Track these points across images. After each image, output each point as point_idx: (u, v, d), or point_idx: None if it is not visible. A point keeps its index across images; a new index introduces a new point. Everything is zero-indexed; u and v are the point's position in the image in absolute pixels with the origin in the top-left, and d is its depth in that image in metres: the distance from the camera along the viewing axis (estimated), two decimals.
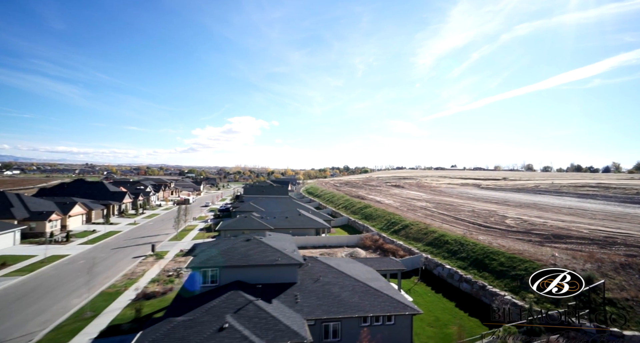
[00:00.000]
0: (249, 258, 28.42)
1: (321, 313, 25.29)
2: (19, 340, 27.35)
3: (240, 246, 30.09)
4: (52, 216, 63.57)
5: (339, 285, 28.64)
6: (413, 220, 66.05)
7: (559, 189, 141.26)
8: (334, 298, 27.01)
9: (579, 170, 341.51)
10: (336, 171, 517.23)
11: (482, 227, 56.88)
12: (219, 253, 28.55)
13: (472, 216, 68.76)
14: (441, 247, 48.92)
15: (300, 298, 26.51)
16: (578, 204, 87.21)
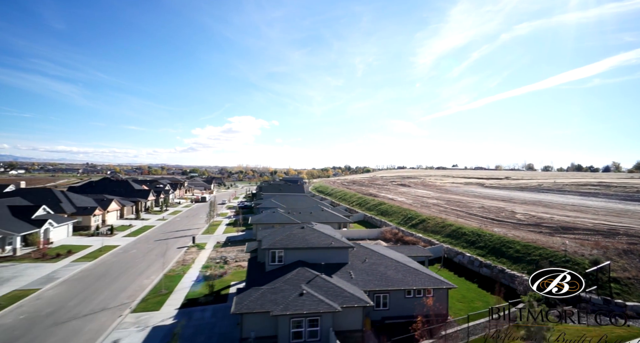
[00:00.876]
0: (308, 242, 33.51)
1: (373, 286, 30.34)
2: (117, 308, 32.47)
3: (297, 233, 35.17)
4: (96, 211, 68.67)
5: (383, 265, 33.72)
6: (429, 215, 71.11)
7: (561, 188, 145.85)
8: (381, 275, 32.07)
9: (579, 170, 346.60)
10: (338, 170, 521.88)
11: (494, 221, 61.91)
12: (283, 238, 33.61)
13: (483, 212, 73.77)
14: (459, 238, 53.98)
15: (354, 275, 31.58)
16: (581, 202, 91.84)
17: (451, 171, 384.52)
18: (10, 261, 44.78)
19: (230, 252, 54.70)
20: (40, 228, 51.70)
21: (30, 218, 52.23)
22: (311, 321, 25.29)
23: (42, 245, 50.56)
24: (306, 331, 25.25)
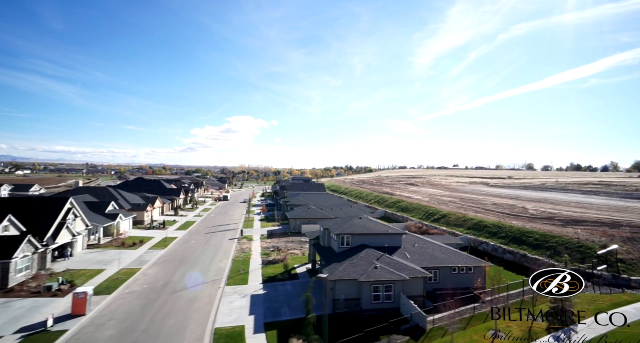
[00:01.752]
0: (369, 229, 40.64)
1: (426, 264, 37.41)
2: (212, 282, 39.62)
3: (358, 222, 42.28)
4: (147, 207, 75.66)
5: (430, 248, 40.85)
6: (448, 211, 78.32)
7: (564, 187, 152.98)
8: (430, 255, 39.18)
9: (578, 169, 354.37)
10: (341, 170, 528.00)
11: (510, 215, 69.14)
12: (348, 225, 40.71)
13: (497, 208, 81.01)
14: (481, 230, 61.16)
15: (409, 255, 38.68)
16: (584, 200, 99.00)
17: (453, 170, 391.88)
18: (99, 248, 51.81)
19: (278, 242, 61.72)
20: (114, 221, 58.67)
21: (104, 212, 59.15)
22: (386, 287, 32.42)
23: (116, 235, 57.51)
24: (383, 294, 32.39)
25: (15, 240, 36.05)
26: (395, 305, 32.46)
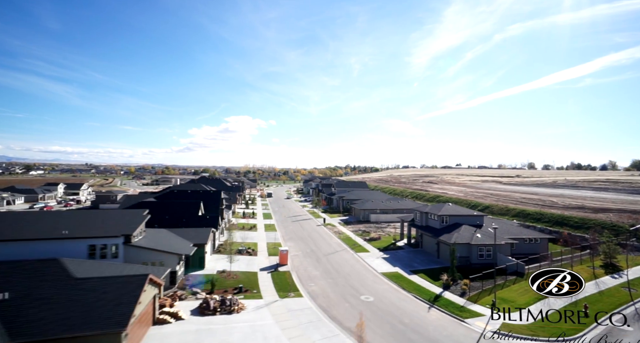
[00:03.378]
0: (460, 211, 54.80)
1: (507, 236, 51.48)
2: (343, 251, 53.58)
3: (449, 207, 56.36)
4: (237, 200, 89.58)
5: (506, 226, 54.97)
6: (489, 203, 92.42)
7: (575, 184, 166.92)
8: (507, 231, 53.23)
9: (579, 168, 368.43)
10: (347, 169, 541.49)
11: (545, 206, 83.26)
12: (444, 209, 54.78)
13: (529, 201, 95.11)
14: (525, 217, 75.25)
15: (492, 231, 52.69)
16: (597, 195, 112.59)
17: (457, 170, 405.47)
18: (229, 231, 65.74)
19: (358, 227, 75.48)
20: (230, 209, 72.73)
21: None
22: (487, 249, 46.55)
23: (229, 220, 71.52)
24: (485, 254, 46.49)
25: (215, 219, 50.11)
26: (492, 261, 46.46)
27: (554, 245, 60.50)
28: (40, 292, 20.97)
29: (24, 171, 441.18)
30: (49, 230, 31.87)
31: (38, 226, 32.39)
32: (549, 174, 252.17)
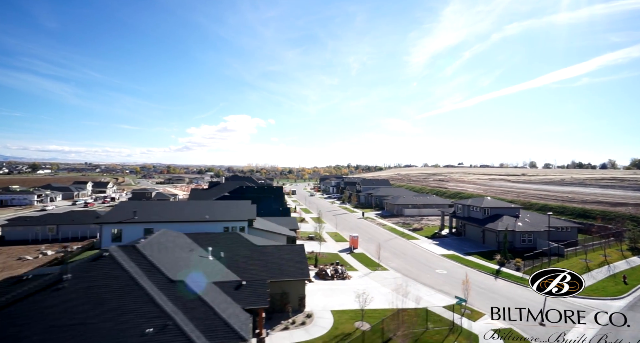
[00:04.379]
0: (499, 204, 62.47)
1: (541, 225, 59.11)
2: (396, 239, 61.20)
3: (488, 200, 63.95)
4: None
5: (539, 217, 62.61)
6: (511, 198, 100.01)
7: (582, 182, 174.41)
8: (541, 220, 60.87)
9: (580, 167, 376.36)
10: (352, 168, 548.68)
11: (564, 201, 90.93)
12: (485, 202, 62.40)
13: (547, 196, 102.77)
14: (548, 211, 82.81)
15: (528, 221, 60.31)
16: (607, 192, 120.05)
17: (460, 168, 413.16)
18: None
19: (397, 220, 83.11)
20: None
21: None
22: (528, 234, 54.17)
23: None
24: (527, 239, 54.13)
25: (288, 210, 57.53)
26: (533, 245, 54.15)
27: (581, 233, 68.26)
28: (243, 253, 28.53)
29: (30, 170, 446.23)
30: (192, 214, 39.43)
31: (185, 211, 39.98)
32: (553, 173, 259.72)
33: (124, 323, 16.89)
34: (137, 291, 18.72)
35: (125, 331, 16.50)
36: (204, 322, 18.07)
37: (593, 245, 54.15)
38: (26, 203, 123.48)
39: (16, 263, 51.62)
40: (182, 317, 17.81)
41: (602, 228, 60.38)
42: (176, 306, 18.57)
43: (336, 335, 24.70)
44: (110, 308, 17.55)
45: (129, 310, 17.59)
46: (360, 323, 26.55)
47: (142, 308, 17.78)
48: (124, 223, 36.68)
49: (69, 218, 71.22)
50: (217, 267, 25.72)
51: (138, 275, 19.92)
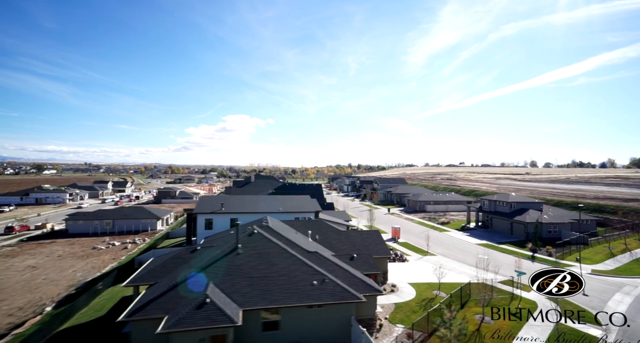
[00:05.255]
0: (524, 199, 68.13)
1: (563, 217, 64.70)
2: (428, 230, 66.85)
3: (514, 196, 69.60)
4: None
5: (559, 211, 68.26)
6: (525, 195, 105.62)
7: (587, 180, 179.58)
8: (562, 213, 66.50)
9: (581, 166, 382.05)
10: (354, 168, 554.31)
11: (577, 197, 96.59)
12: (511, 197, 68.06)
13: (560, 193, 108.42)
14: (564, 206, 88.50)
15: (552, 214, 65.93)
16: (614, 190, 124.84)
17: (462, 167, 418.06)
18: None
19: (422, 216, 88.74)
20: None
21: None
22: (554, 226, 59.77)
23: None
24: (552, 230, 59.71)
25: (331, 205, 63.05)
26: (558, 235, 59.79)
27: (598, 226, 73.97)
28: (332, 236, 34.14)
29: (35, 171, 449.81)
30: (267, 207, 45.03)
31: (259, 204, 45.62)
32: (557, 172, 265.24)
33: (295, 278, 22.54)
34: (291, 257, 24.36)
35: (298, 282, 22.14)
36: (345, 279, 23.70)
37: (612, 235, 59.82)
38: (59, 201, 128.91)
39: (93, 251, 57.29)
40: (330, 275, 23.44)
41: (620, 221, 66.01)
42: (321, 268, 24.18)
43: (422, 299, 30.35)
44: (279, 268, 23.21)
45: (292, 269, 23.24)
46: (437, 292, 32.20)
47: (301, 268, 23.42)
48: (215, 213, 42.25)
49: (122, 214, 76.80)
50: (321, 245, 31.31)
51: (285, 246, 25.56)
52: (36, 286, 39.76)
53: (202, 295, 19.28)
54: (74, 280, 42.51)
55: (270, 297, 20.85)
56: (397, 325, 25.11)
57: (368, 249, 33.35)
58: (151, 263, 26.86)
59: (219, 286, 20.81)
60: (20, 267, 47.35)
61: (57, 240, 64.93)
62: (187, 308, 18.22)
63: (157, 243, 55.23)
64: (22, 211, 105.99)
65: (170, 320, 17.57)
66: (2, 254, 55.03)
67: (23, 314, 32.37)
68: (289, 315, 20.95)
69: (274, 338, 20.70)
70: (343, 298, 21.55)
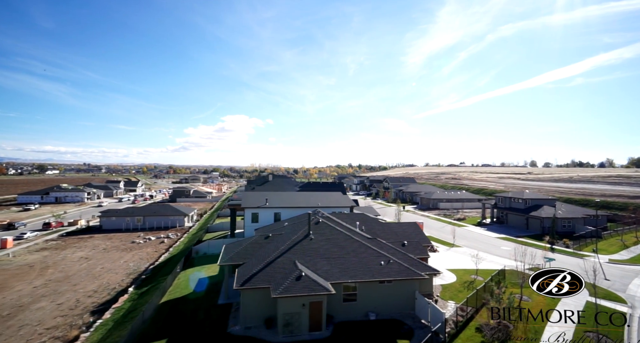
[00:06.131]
0: (538, 196, 71.63)
1: (576, 212, 68.18)
2: (451, 226, 70.33)
3: (527, 193, 73.09)
4: None
5: (571, 206, 71.74)
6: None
7: (590, 179, 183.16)
8: (575, 209, 69.96)
9: (580, 165, 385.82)
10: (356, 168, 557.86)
11: (584, 195, 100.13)
12: (526, 195, 71.52)
13: (567, 191, 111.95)
14: (574, 203, 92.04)
15: (564, 209, 69.43)
16: (616, 188, 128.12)
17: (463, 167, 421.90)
18: None
19: (436, 213, 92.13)
20: None
21: None
22: (568, 221, 63.23)
23: None
24: (567, 224, 63.17)
25: (356, 201, 66.47)
26: (572, 230, 63.25)
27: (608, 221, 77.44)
28: (376, 227, 37.52)
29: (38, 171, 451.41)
30: (306, 202, 48.42)
31: (297, 200, 49.05)
32: (559, 172, 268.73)
33: (364, 258, 25.93)
34: (356, 242, 27.75)
35: (368, 264, 25.52)
36: (405, 261, 27.08)
37: (624, 229, 63.31)
38: (77, 200, 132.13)
39: (134, 245, 60.68)
40: (393, 257, 26.82)
41: (630, 216, 69.57)
42: (382, 251, 27.55)
43: (464, 282, 33.78)
44: (348, 250, 26.60)
45: (360, 252, 26.63)
46: (474, 276, 35.62)
47: (367, 251, 26.81)
48: (260, 207, 45.62)
49: (152, 211, 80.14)
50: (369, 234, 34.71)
51: (348, 233, 28.95)
52: (98, 274, 43.16)
53: (296, 270, 22.66)
54: (129, 269, 45.92)
55: (348, 274, 24.23)
56: (449, 301, 28.50)
57: (410, 238, 36.68)
58: (228, 248, 30.19)
59: (304, 265, 24.15)
60: (75, 258, 50.72)
61: (94, 235, 68.30)
62: (288, 279, 21.59)
63: (201, 236, 58.57)
64: (45, 209, 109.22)
65: (278, 288, 20.94)
66: (52, 247, 58.40)
67: (100, 295, 35.83)
68: (363, 289, 24.33)
69: (352, 308, 24.10)
70: (409, 275, 24.92)
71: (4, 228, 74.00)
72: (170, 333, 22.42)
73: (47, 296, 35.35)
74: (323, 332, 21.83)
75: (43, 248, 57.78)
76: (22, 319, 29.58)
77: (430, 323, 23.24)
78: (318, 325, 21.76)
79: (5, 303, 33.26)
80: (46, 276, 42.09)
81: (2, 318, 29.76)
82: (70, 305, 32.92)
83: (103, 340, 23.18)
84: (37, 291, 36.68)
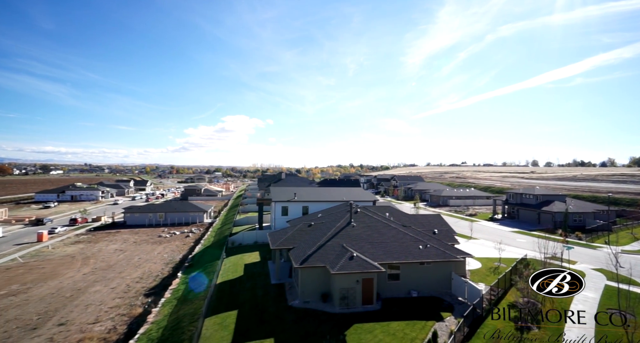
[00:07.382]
0: (548, 192, 73.82)
1: (586, 207, 70.41)
2: (465, 220, 72.58)
3: (537, 189, 75.38)
4: None
5: (581, 202, 73.96)
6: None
7: (594, 178, 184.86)
8: (584, 204, 72.20)
9: (582, 165, 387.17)
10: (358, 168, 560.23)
11: (592, 192, 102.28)
12: (536, 190, 73.82)
13: (574, 189, 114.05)
14: (582, 199, 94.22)
15: (574, 204, 71.71)
16: (620, 186, 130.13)
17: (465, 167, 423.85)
18: None
19: (447, 209, 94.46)
20: None
21: None
22: (579, 215, 65.49)
23: None
24: (577, 219, 65.47)
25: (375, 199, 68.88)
26: (583, 224, 65.48)
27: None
28: (405, 218, 39.92)
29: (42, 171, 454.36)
30: (331, 196, 50.87)
31: (323, 194, 51.54)
32: (562, 171, 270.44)
33: (404, 243, 28.37)
34: (394, 229, 30.19)
35: (408, 247, 27.96)
36: (440, 246, 29.50)
37: (633, 224, 65.54)
38: (92, 198, 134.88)
39: (161, 239, 63.29)
40: (429, 242, 29.24)
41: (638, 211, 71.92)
42: (418, 236, 29.98)
43: (489, 267, 36.20)
44: (388, 236, 29.05)
45: (399, 237, 29.06)
46: (498, 263, 38.02)
47: (405, 237, 29.25)
48: (290, 201, 48.13)
49: (172, 207, 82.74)
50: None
51: (385, 221, 31.39)
52: (138, 264, 45.74)
53: (347, 251, 25.14)
54: (164, 259, 48.51)
55: (392, 256, 26.68)
56: (479, 283, 30.92)
57: (437, 227, 39.05)
58: (273, 235, 32.75)
59: (352, 248, 26.61)
60: (110, 250, 53.34)
61: (120, 230, 70.95)
62: (342, 259, 24.08)
63: (231, 229, 61.11)
64: (63, 206, 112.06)
65: (335, 266, 23.42)
66: (84, 240, 61.09)
67: (147, 281, 38.42)
68: (405, 269, 26.77)
69: (396, 286, 26.57)
70: (446, 257, 27.37)
71: (33, 223, 76.78)
72: (238, 306, 24.94)
73: (99, 281, 37.94)
74: (374, 305, 24.31)
75: (77, 241, 60.43)
76: (84, 300, 32.16)
77: (467, 300, 25.67)
78: (370, 299, 24.24)
79: (64, 287, 35.86)
80: (90, 266, 44.68)
81: (67, 298, 32.35)
82: (123, 289, 35.50)
83: (175, 313, 25.73)
84: (88, 278, 39.29)
